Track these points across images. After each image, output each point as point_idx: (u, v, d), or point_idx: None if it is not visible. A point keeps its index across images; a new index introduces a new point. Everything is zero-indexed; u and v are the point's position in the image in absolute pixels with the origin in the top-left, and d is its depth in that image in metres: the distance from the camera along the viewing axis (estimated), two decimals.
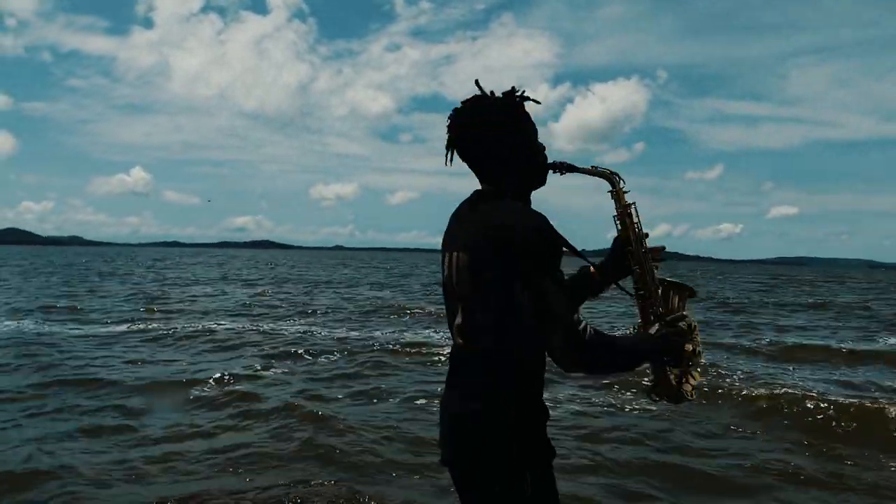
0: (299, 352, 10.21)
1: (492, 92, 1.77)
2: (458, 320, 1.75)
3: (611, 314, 17.15)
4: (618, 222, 1.90)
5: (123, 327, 12.78)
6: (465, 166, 1.82)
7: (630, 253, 1.88)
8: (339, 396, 7.36)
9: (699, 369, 1.85)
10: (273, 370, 8.80)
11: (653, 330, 1.78)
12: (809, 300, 25.96)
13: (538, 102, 1.80)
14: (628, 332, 2.16)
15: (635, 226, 1.88)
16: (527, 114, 1.79)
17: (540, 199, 1.83)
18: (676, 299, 1.89)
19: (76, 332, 12.07)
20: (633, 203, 1.88)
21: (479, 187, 1.81)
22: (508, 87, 1.75)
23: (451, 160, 1.82)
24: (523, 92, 1.78)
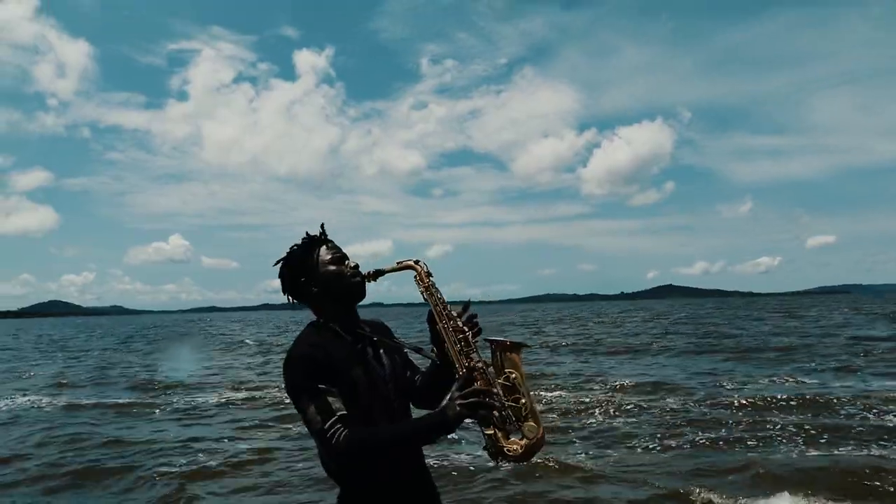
0: None
1: (295, 244, 2.17)
2: None
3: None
4: (428, 304, 2.10)
5: None
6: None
7: (441, 329, 2.05)
8: None
9: (528, 425, 1.92)
10: None
11: (446, 399, 1.90)
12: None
13: (323, 236, 2.17)
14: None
15: (437, 301, 2.08)
16: (321, 249, 2.14)
17: (576, 246, 1.25)
18: (506, 357, 1.98)
19: None
20: (432, 282, 2.12)
21: None
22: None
23: (292, 304, 2.19)
24: (318, 234, 2.17)
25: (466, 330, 2.03)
